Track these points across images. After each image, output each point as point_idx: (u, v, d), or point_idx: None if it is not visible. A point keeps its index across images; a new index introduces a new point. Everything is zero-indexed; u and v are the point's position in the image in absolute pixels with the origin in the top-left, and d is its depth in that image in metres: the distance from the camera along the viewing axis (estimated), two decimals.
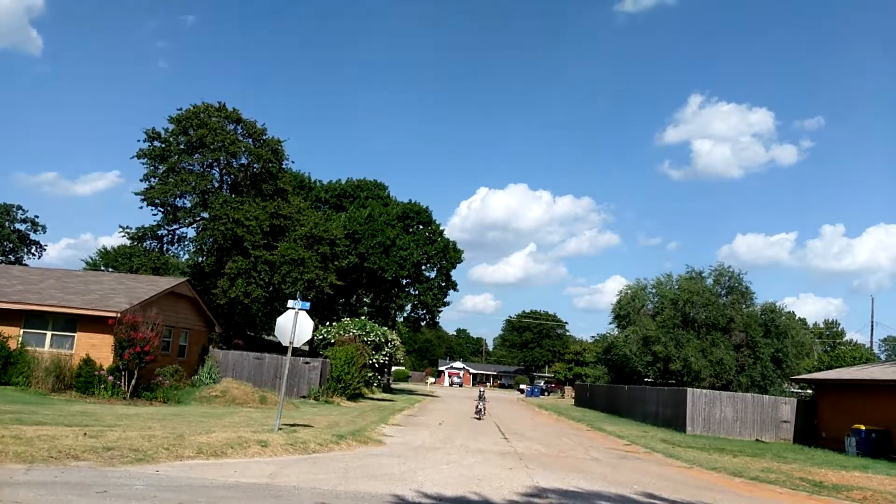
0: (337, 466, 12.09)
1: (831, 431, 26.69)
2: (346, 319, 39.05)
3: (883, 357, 63.24)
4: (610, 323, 52.08)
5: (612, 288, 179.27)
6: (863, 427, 24.00)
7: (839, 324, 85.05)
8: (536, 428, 27.25)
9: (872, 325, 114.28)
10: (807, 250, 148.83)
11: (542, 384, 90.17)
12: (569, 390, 77.26)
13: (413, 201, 54.59)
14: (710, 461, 18.25)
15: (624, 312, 47.27)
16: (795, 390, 42.41)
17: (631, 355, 43.91)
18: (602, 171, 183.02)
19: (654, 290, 47.45)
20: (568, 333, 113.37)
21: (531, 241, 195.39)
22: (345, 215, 50.18)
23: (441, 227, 54.32)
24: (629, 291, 48.35)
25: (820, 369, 39.83)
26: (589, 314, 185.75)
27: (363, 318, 41.27)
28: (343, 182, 56.19)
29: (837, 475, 16.87)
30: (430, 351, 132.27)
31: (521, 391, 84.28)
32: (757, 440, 27.73)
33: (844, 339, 73.93)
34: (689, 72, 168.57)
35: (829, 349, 61.11)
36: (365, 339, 35.81)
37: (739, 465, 17.57)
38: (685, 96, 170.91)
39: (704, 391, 30.67)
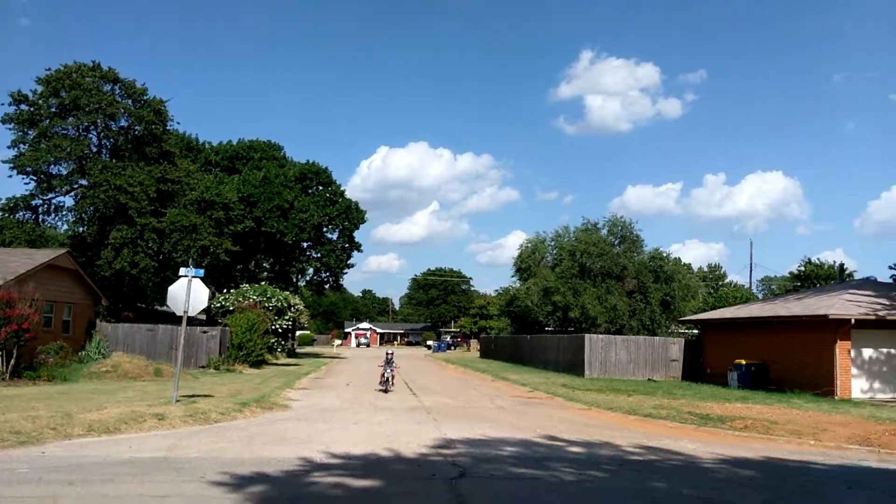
0: (241, 435, 11.78)
1: (715, 367, 28.64)
2: (246, 286, 37.93)
3: (760, 296, 68.21)
4: (512, 276, 53.36)
5: (514, 242, 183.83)
6: (743, 361, 25.87)
7: (721, 267, 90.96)
8: (444, 382, 27.68)
9: (751, 267, 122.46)
10: (691, 199, 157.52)
11: (448, 339, 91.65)
12: (474, 344, 79.00)
13: (312, 161, 53.15)
14: (607, 402, 19.15)
15: (525, 265, 48.46)
16: (682, 331, 45.11)
17: (532, 306, 45.22)
18: (500, 128, 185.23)
19: (553, 243, 48.85)
20: (472, 289, 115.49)
21: (433, 199, 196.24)
22: (238, 178, 48.24)
23: (342, 188, 53.33)
24: (529, 245, 49.53)
25: (705, 310, 42.50)
26: (492, 269, 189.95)
27: (263, 283, 40.21)
28: (235, 143, 53.85)
29: (721, 407, 18.13)
30: (336, 313, 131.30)
31: (429, 347, 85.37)
32: (649, 379, 29.38)
33: (726, 280, 79.21)
34: (580, 27, 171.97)
35: (712, 291, 65.24)
36: (266, 304, 34.96)
37: (634, 404, 18.53)
38: (577, 52, 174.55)
39: (601, 336, 32.10)
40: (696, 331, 37.62)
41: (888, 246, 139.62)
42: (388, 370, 21.56)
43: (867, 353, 23.00)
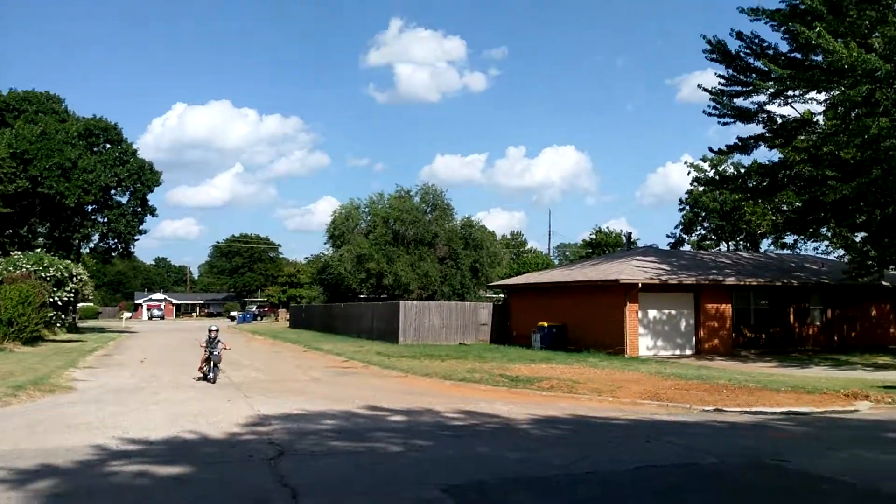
0: (19, 422, 10.16)
1: (521, 329, 30.25)
2: (18, 254, 33.28)
3: (557, 262, 73.38)
4: (324, 243, 52.33)
5: (324, 209, 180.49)
6: (545, 324, 27.53)
7: (523, 234, 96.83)
8: (253, 354, 26.41)
9: (550, 235, 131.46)
10: (495, 169, 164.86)
11: (254, 310, 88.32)
12: (283, 313, 76.85)
13: (99, 117, 47.61)
14: (422, 368, 19.34)
15: (338, 232, 47.69)
16: (490, 296, 47.28)
17: (346, 273, 44.72)
18: (310, 90, 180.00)
19: (367, 210, 48.51)
20: (281, 256, 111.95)
21: (237, 161, 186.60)
22: (10, 132, 41.87)
23: (134, 147, 48.49)
24: (343, 211, 48.78)
25: (510, 276, 44.79)
26: (302, 235, 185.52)
27: (39, 251, 35.58)
28: (5, 94, 46.63)
29: (528, 368, 19.07)
30: (125, 283, 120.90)
31: (232, 319, 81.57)
32: (461, 343, 30.34)
33: (527, 247, 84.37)
34: None
35: (515, 257, 69.09)
36: (43, 274, 30.95)
37: (448, 369, 18.90)
38: (386, 20, 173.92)
39: (415, 303, 32.50)
40: (502, 295, 39.49)
41: (664, 215, 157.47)
42: (215, 352, 16.24)
43: (652, 314, 25.51)
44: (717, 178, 37.21)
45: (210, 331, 16.79)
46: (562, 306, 28.00)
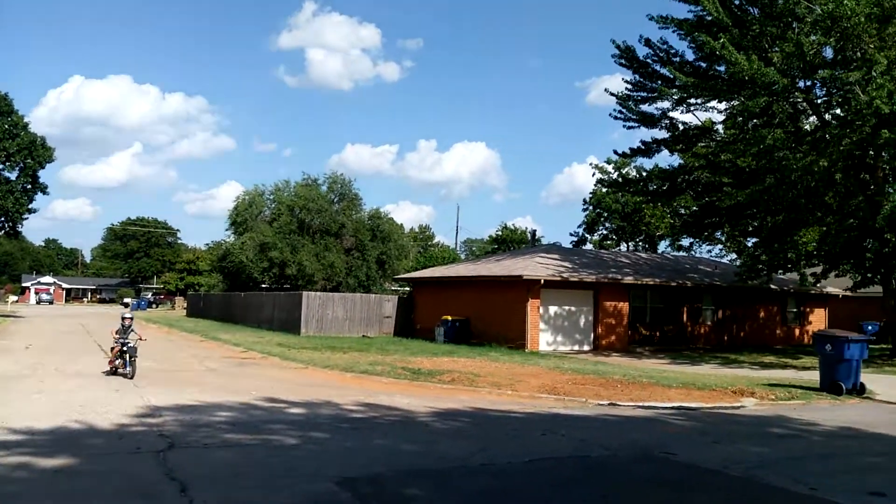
0: None
1: (425, 322, 30.19)
2: None
3: (464, 256, 74.07)
4: (226, 230, 50.49)
5: (228, 194, 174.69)
6: (449, 317, 27.60)
7: (431, 228, 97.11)
8: (146, 343, 25.02)
9: (457, 229, 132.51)
10: (406, 162, 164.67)
11: (149, 296, 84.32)
12: (180, 301, 73.76)
13: None
14: (323, 360, 18.90)
15: (241, 219, 46.11)
16: (395, 288, 47.04)
17: (248, 262, 43.29)
18: (216, 70, 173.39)
19: (272, 197, 47.15)
20: (180, 241, 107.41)
21: (136, 140, 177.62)
22: None
23: (26, 120, 45.04)
24: (247, 198, 47.21)
25: (416, 269, 44.71)
26: (202, 221, 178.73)
27: None
28: None
29: (431, 361, 18.97)
30: (12, 265, 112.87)
31: (126, 305, 77.52)
32: (364, 336, 29.96)
33: (435, 241, 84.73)
34: None
35: (423, 251, 69.16)
36: None
37: (350, 361, 18.54)
38: (300, 1, 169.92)
39: (318, 293, 31.84)
40: (408, 288, 39.33)
41: (568, 214, 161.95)
42: (129, 343, 14.19)
43: (553, 309, 26.02)
44: (619, 180, 38.53)
45: (123, 318, 14.91)
46: (466, 300, 28.15)
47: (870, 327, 31.09)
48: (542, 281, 24.82)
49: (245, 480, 6.72)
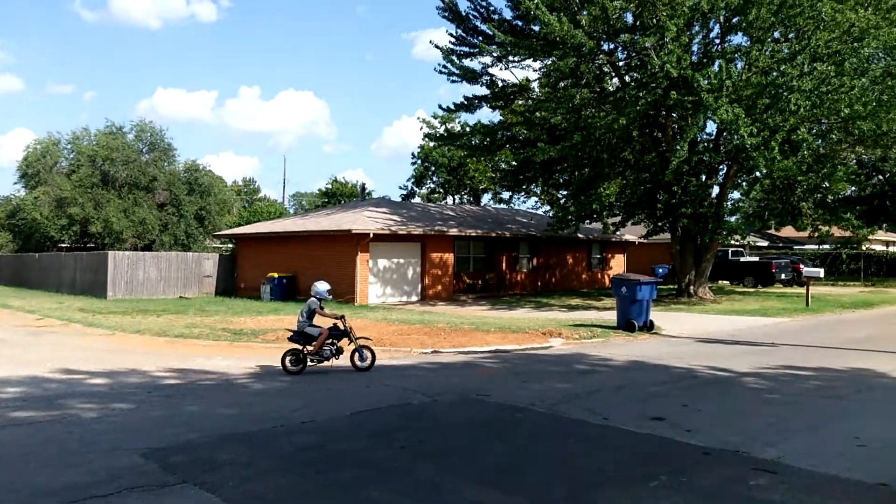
0: None
1: (250, 281, 29.20)
2: None
3: (292, 210, 72.18)
4: (15, 184, 45.02)
5: (17, 142, 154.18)
6: (276, 275, 26.92)
7: (256, 181, 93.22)
8: None
9: (284, 182, 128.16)
10: (226, 109, 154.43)
11: None
12: None
13: None
14: (133, 325, 17.70)
15: (33, 171, 41.29)
16: (218, 245, 44.86)
17: (42, 219, 39.03)
18: None
19: (69, 146, 42.59)
20: None
21: None
22: None
23: None
24: (39, 147, 42.27)
25: (240, 224, 42.90)
26: None
27: None
28: None
29: (255, 321, 18.46)
30: None
31: None
32: (181, 297, 28.40)
33: (261, 195, 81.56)
34: None
35: (248, 205, 66.39)
36: None
37: (164, 325, 17.53)
38: None
39: (127, 253, 29.58)
40: (231, 245, 37.70)
41: (398, 168, 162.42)
42: None
43: (382, 262, 26.27)
44: (445, 134, 39.24)
45: None
46: (294, 256, 27.58)
47: (661, 270, 34.69)
48: (372, 234, 24.89)
49: (35, 460, 6.21)
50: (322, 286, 11.42)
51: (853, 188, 36.34)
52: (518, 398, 8.95)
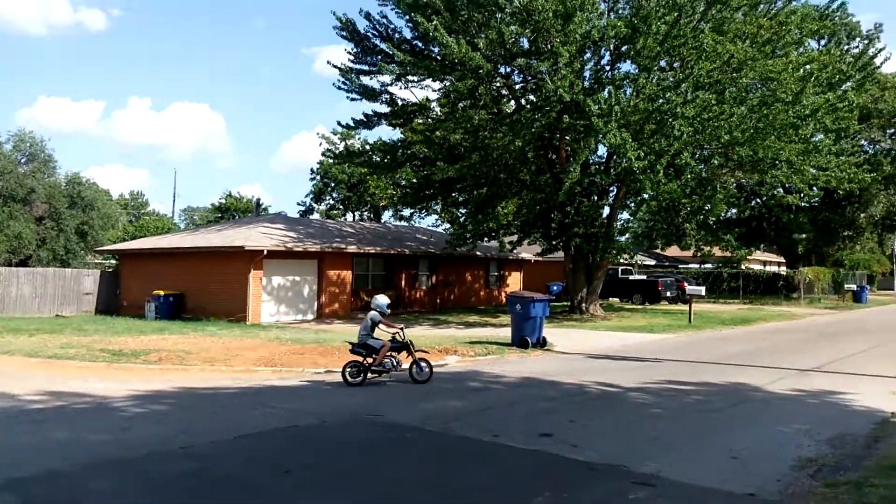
0: None
1: (134, 298, 27.64)
2: None
3: (183, 226, 69.19)
4: None
5: None
6: (162, 292, 25.62)
7: (144, 195, 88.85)
8: None
9: (174, 197, 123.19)
10: (114, 120, 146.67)
11: None
12: None
13: None
14: (3, 344, 16.34)
15: None
16: (100, 261, 42.30)
17: None
18: None
19: None
20: None
21: None
22: None
23: None
24: None
25: (125, 240, 40.63)
26: None
27: None
28: None
29: (137, 341, 17.45)
30: None
31: None
32: (58, 315, 26.51)
33: (149, 209, 77.71)
34: None
35: (134, 219, 63.11)
36: None
37: (37, 345, 16.29)
38: None
39: (0, 269, 27.37)
40: (115, 261, 35.65)
41: (297, 184, 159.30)
42: None
43: (276, 280, 25.55)
44: (345, 151, 38.97)
45: None
46: (183, 273, 26.36)
47: (555, 287, 35.72)
48: (266, 251, 24.16)
49: None
50: (382, 300, 11.99)
51: (733, 211, 39.02)
52: (411, 417, 8.86)
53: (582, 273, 27.16)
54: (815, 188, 27.70)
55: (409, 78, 26.31)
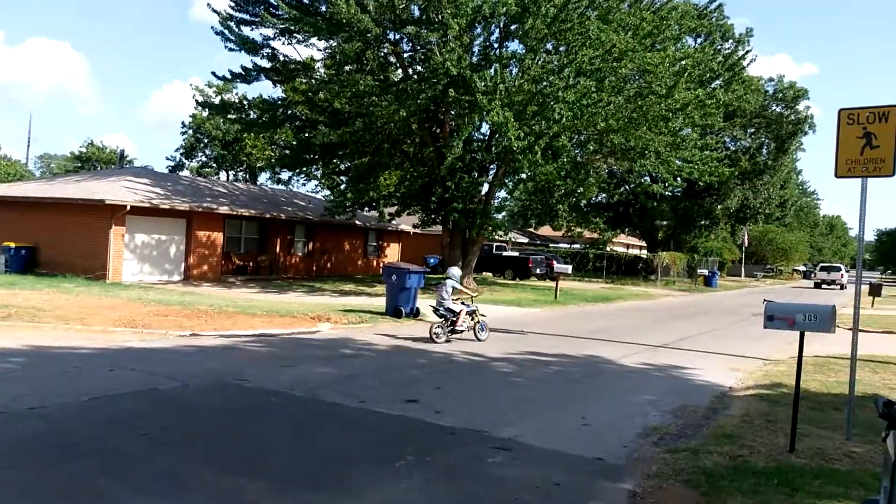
0: None
1: None
2: None
3: (38, 174, 63.62)
4: None
5: None
6: (13, 244, 23.60)
7: None
8: None
9: (29, 142, 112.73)
10: None
11: None
12: None
13: None
14: None
15: None
16: None
17: None
18: None
19: None
20: None
21: None
22: None
23: None
24: None
25: None
26: None
27: None
28: None
29: None
30: None
31: None
32: None
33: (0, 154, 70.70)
34: None
35: None
36: None
37: None
38: None
39: None
40: None
41: (167, 137, 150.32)
42: None
43: (140, 238, 24.14)
44: (220, 104, 37.13)
45: None
46: (37, 225, 24.35)
47: (432, 260, 36.19)
48: (129, 207, 22.74)
49: None
50: (456, 271, 14.65)
51: (603, 195, 41.02)
52: (277, 383, 8.76)
53: (458, 247, 27.66)
54: (679, 179, 29.56)
55: (294, 34, 25.44)
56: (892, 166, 7.18)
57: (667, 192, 43.74)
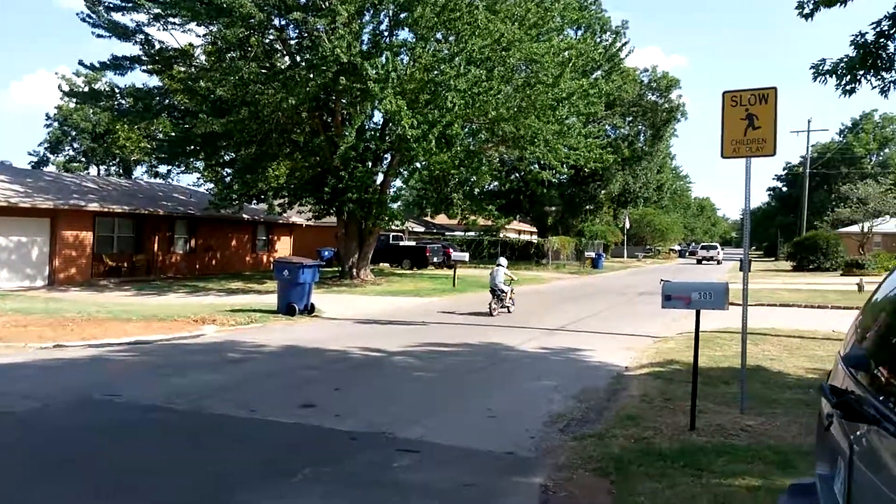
0: None
1: None
2: None
3: None
4: None
5: None
6: None
7: None
8: None
9: None
10: None
11: None
12: None
13: None
14: None
15: None
16: None
17: None
18: None
19: None
20: None
21: None
22: None
23: None
24: None
25: None
26: None
27: None
28: None
29: None
30: None
31: None
32: None
33: None
34: None
35: None
36: None
37: None
38: None
39: None
40: None
41: (28, 131, 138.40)
42: None
43: None
44: (89, 91, 34.38)
45: None
46: None
47: (326, 253, 35.23)
48: None
49: None
50: (504, 260, 18.07)
51: (495, 183, 41.31)
52: (155, 395, 7.89)
53: (354, 239, 26.95)
54: (565, 166, 30.11)
55: (170, 19, 23.76)
56: (773, 146, 7.33)
57: (555, 179, 44.76)
